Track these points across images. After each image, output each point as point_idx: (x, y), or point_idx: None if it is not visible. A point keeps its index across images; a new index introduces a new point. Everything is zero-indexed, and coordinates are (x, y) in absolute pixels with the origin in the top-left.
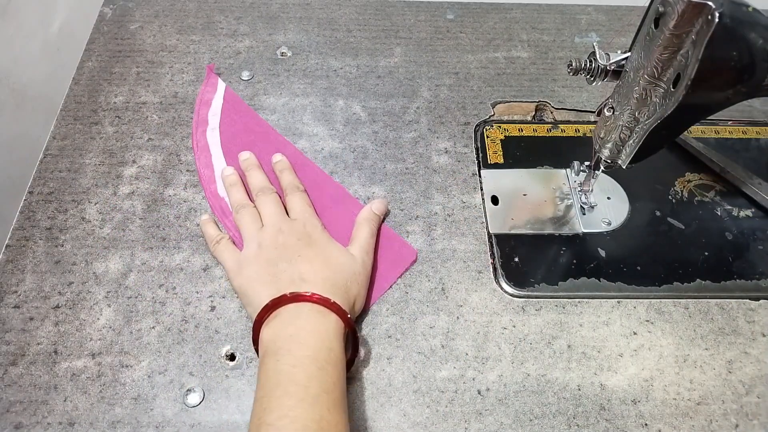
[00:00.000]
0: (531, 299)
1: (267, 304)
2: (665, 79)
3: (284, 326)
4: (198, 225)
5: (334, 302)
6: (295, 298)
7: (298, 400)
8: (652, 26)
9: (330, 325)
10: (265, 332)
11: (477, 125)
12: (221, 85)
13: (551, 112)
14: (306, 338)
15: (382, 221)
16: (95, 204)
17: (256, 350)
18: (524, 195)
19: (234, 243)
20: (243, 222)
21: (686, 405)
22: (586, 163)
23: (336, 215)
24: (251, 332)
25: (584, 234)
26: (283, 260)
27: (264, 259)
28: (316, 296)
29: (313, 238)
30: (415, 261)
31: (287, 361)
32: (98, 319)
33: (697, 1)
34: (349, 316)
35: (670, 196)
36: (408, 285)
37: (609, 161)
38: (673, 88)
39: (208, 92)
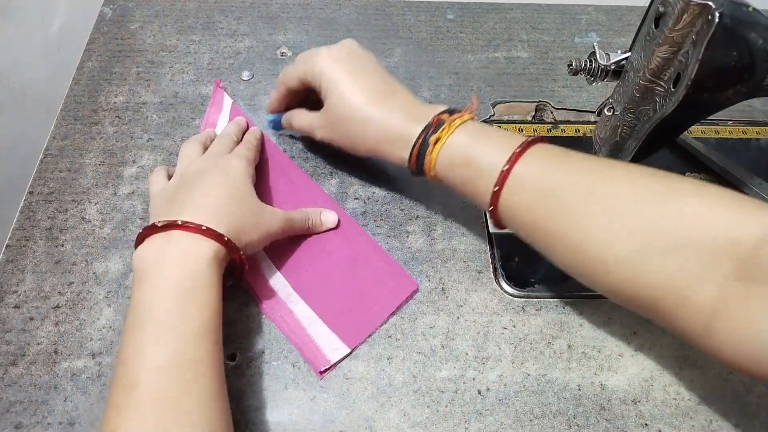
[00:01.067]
0: (531, 299)
1: (139, 235)
2: (665, 79)
3: (150, 254)
4: None
5: (208, 228)
6: (166, 226)
7: (154, 336)
8: (652, 26)
9: (200, 250)
10: (134, 261)
11: None
12: (227, 103)
13: (551, 112)
14: (170, 266)
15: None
16: (95, 204)
17: None
18: None
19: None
20: (182, 151)
21: (686, 405)
22: None
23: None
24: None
25: None
26: (187, 186)
27: (173, 186)
28: (189, 224)
29: (231, 176)
30: (416, 292)
31: (147, 292)
32: (98, 319)
33: (697, 1)
34: (227, 239)
35: None
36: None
37: None
38: (673, 88)
39: (213, 113)
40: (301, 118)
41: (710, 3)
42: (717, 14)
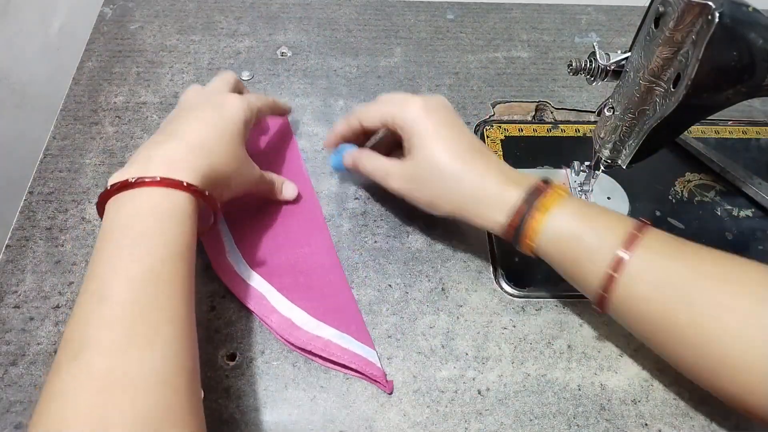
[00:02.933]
0: (531, 299)
1: (109, 189)
2: (665, 79)
3: (119, 211)
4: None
5: (186, 183)
6: (139, 183)
7: (129, 252)
8: (652, 26)
9: (179, 210)
10: (104, 218)
11: (477, 125)
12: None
13: (551, 112)
14: (146, 197)
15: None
16: (95, 204)
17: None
18: None
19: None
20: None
21: (686, 405)
22: (586, 163)
23: (317, 288)
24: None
25: None
26: (179, 116)
27: (171, 115)
28: (164, 179)
29: (224, 113)
30: (383, 381)
31: (123, 213)
32: None
33: (697, 1)
34: (200, 188)
35: (670, 196)
36: (408, 285)
37: (609, 161)
38: (673, 88)
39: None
40: (374, 163)
41: (710, 3)
42: (717, 14)
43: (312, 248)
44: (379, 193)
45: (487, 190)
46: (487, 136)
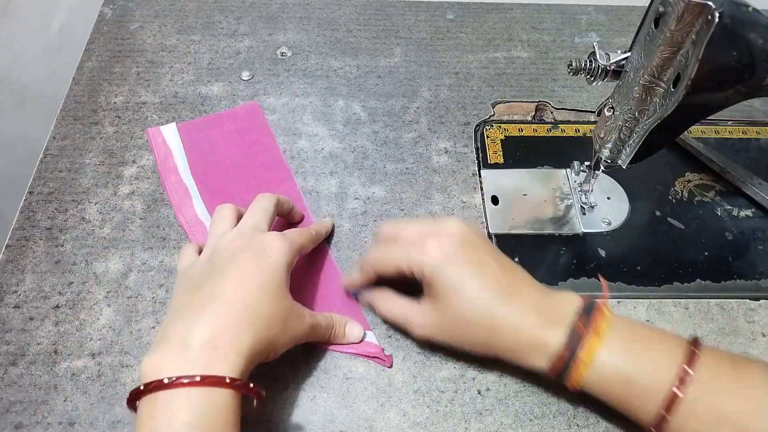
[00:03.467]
0: None
1: (142, 389)
2: (665, 79)
3: (153, 419)
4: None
5: (231, 378)
6: (176, 384)
7: None
8: (652, 26)
9: (220, 410)
10: (138, 420)
11: (477, 125)
12: (170, 134)
13: (551, 112)
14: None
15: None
16: (95, 204)
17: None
18: (524, 195)
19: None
20: (214, 216)
21: None
22: (586, 163)
23: (309, 274)
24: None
25: (584, 234)
26: (217, 270)
27: (202, 263)
28: (205, 378)
29: (268, 262)
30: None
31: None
32: (98, 319)
33: (697, 1)
34: (244, 383)
35: (670, 196)
36: (408, 285)
37: (609, 161)
38: (673, 88)
39: (163, 160)
40: (392, 308)
41: (710, 3)
42: (717, 14)
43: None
44: (379, 193)
45: (524, 337)
46: (487, 136)
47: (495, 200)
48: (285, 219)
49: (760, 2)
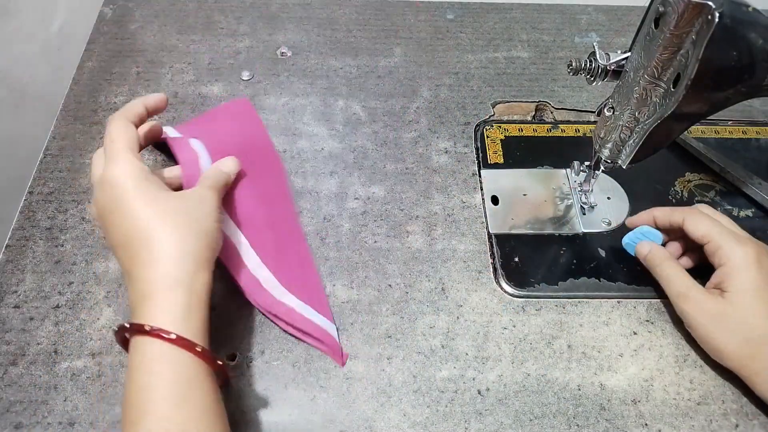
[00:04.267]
0: (531, 299)
1: (120, 327)
2: (665, 79)
3: (137, 368)
4: None
5: (202, 348)
6: (155, 333)
7: (156, 425)
8: (652, 26)
9: (192, 373)
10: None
11: (477, 125)
12: (169, 131)
13: (551, 112)
14: (159, 365)
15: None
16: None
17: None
18: (524, 195)
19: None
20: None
21: (686, 405)
22: (586, 163)
23: (285, 257)
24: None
25: (584, 234)
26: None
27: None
28: (179, 339)
29: (118, 194)
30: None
31: (142, 383)
32: (98, 319)
33: (697, 1)
34: (216, 360)
35: (670, 196)
36: (408, 285)
37: (609, 161)
38: (673, 88)
39: (187, 161)
40: (676, 273)
41: (710, 3)
42: (717, 14)
43: (282, 212)
44: (379, 193)
45: None
46: (487, 136)
47: (495, 200)
48: (150, 134)
49: (760, 2)
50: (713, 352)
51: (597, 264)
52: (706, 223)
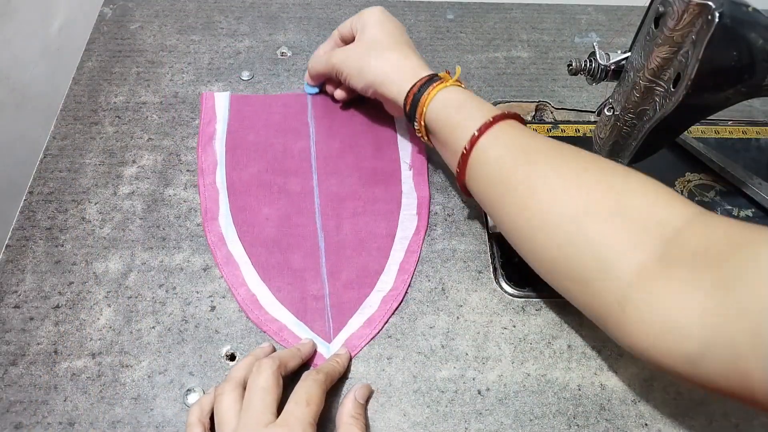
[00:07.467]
0: (531, 299)
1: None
2: (665, 79)
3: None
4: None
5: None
6: None
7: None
8: (652, 26)
9: None
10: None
11: None
12: (221, 98)
13: (551, 112)
14: None
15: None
16: (95, 204)
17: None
18: None
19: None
20: (216, 407)
21: (686, 405)
22: None
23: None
24: None
25: None
26: None
27: None
28: None
29: None
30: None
31: None
32: (98, 319)
33: (697, 1)
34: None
35: None
36: (408, 285)
37: None
38: (673, 88)
39: (207, 125)
40: (318, 57)
41: (710, 3)
42: (717, 14)
43: (300, 229)
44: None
45: (406, 66)
46: None
47: None
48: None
49: (760, 2)
50: (354, 79)
51: None
52: (323, 58)
